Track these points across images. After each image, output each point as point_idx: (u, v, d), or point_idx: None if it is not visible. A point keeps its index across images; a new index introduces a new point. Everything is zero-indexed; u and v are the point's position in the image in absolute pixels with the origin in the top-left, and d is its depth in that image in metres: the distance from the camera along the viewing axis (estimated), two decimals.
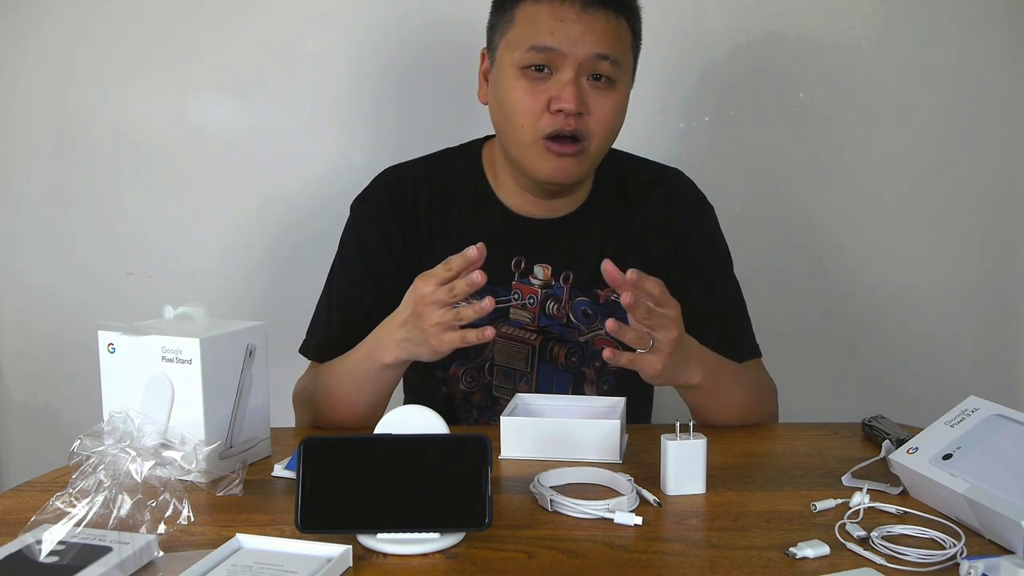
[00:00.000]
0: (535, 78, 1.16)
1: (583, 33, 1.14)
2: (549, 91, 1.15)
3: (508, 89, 1.18)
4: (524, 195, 1.28)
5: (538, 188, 1.25)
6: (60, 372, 1.75)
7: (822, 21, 1.72)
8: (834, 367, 1.81)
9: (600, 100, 1.17)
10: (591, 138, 1.17)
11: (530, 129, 1.17)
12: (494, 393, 1.29)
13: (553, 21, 1.14)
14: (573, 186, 1.25)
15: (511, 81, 1.17)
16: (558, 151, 1.16)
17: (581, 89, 1.15)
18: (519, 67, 1.16)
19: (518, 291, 1.27)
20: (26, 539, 0.75)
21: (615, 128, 1.21)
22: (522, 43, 1.16)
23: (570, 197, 1.29)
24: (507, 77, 1.18)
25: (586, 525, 0.85)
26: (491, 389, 1.29)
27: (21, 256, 1.76)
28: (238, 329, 1.00)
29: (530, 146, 1.18)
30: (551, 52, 1.14)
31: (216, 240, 1.75)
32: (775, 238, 1.77)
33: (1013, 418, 0.89)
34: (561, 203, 1.29)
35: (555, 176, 1.19)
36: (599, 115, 1.17)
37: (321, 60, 1.70)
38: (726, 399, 1.17)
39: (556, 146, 1.16)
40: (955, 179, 1.77)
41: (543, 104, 1.15)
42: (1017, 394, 1.81)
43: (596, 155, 1.20)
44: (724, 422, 1.18)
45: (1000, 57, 1.73)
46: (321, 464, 0.80)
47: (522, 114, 1.17)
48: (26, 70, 1.71)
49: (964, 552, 0.78)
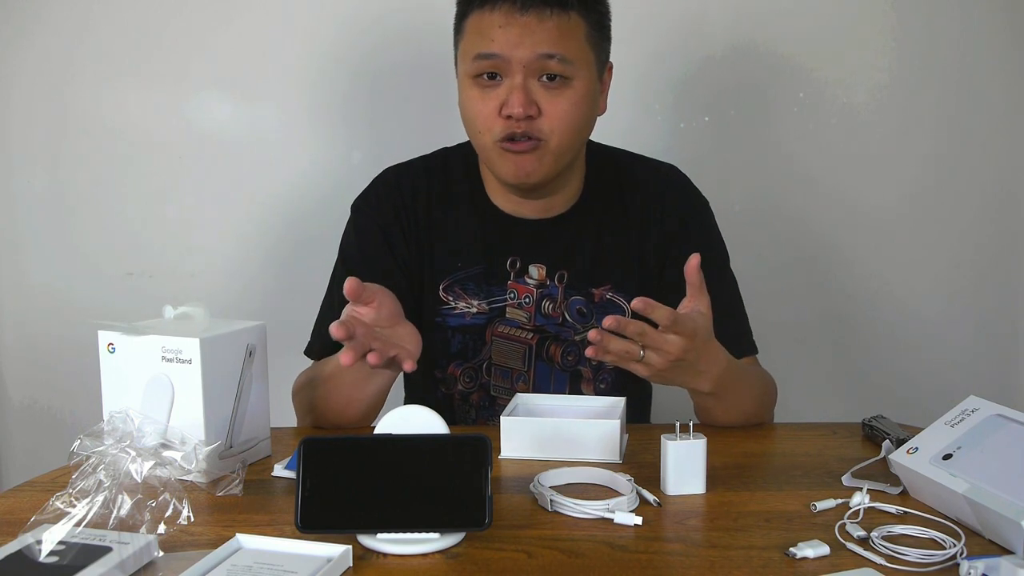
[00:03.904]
0: (486, 85, 1.17)
1: (524, 35, 1.14)
2: (500, 96, 1.16)
3: (464, 98, 1.20)
4: (510, 197, 1.28)
5: (515, 190, 1.26)
6: (60, 372, 1.75)
7: (823, 21, 1.71)
8: (834, 367, 1.81)
9: (553, 100, 1.16)
10: (549, 137, 1.17)
11: (487, 134, 1.18)
12: (491, 392, 1.29)
13: (494, 28, 1.15)
14: (545, 185, 1.24)
15: (466, 91, 1.20)
16: (513, 150, 1.17)
17: (531, 91, 1.16)
18: (471, 76, 1.18)
19: (514, 291, 1.28)
20: (26, 539, 0.75)
21: (576, 125, 1.20)
22: (470, 52, 1.17)
23: (562, 197, 1.29)
24: (464, 87, 1.20)
25: (586, 525, 0.85)
26: (489, 388, 1.30)
27: (21, 256, 1.76)
28: (238, 329, 1.00)
29: (491, 149, 1.19)
30: (496, 59, 1.15)
31: (216, 240, 1.75)
32: (775, 238, 1.77)
33: (1013, 418, 0.89)
34: (554, 203, 1.29)
35: (517, 176, 1.19)
36: (553, 114, 1.17)
37: (321, 59, 1.70)
38: (736, 405, 1.16)
39: (511, 145, 1.17)
40: (955, 179, 1.77)
41: (494, 109, 1.17)
42: (1017, 394, 1.80)
43: (559, 152, 1.19)
44: (728, 424, 1.18)
45: (1002, 58, 1.73)
46: (321, 464, 0.79)
47: (478, 121, 1.18)
48: (25, 70, 1.71)
49: (964, 552, 0.78)
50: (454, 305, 1.27)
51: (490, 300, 1.27)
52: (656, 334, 0.99)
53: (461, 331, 1.28)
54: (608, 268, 1.29)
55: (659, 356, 1.00)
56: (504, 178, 1.21)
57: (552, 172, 1.21)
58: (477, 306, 1.27)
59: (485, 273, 1.28)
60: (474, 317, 1.27)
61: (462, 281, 1.27)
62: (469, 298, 1.27)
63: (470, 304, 1.27)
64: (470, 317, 1.27)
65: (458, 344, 1.28)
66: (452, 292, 1.27)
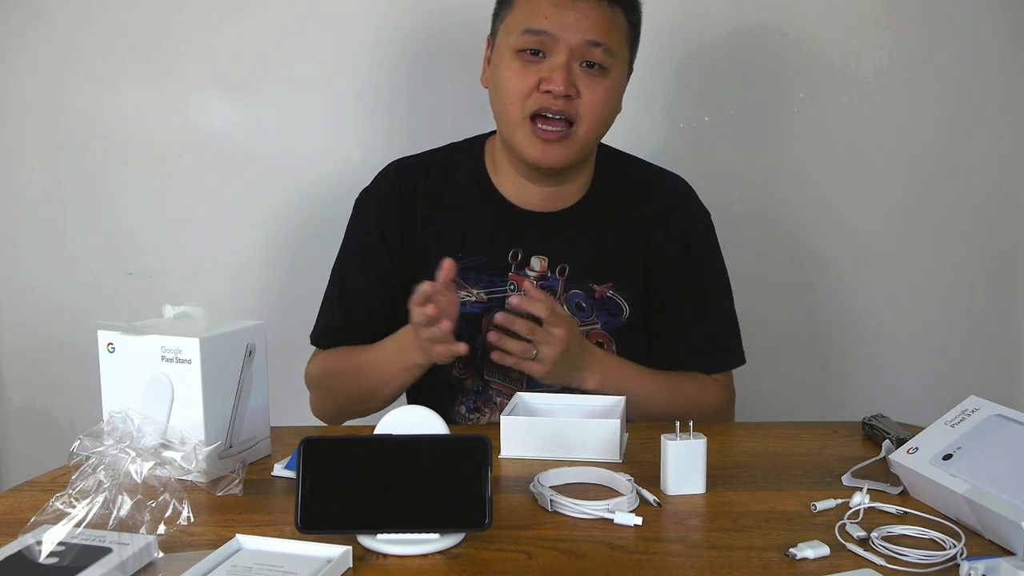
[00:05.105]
0: (528, 60, 1.20)
1: (577, 19, 1.17)
2: (540, 72, 1.18)
3: (503, 70, 1.21)
4: (522, 183, 1.29)
5: (532, 172, 1.26)
6: (60, 372, 1.75)
7: (823, 22, 1.71)
8: (834, 365, 1.81)
9: (591, 86, 1.19)
10: (580, 122, 1.20)
11: (519, 107, 1.20)
12: (485, 377, 1.30)
13: (549, 7, 1.18)
14: (565, 171, 1.26)
15: (506, 63, 1.21)
16: (543, 134, 1.19)
17: (572, 74, 1.18)
18: (514, 50, 1.20)
19: (514, 283, 1.28)
20: (26, 540, 0.75)
21: (606, 115, 1.22)
22: (518, 26, 1.19)
23: (569, 189, 1.30)
24: (504, 59, 1.22)
25: (586, 525, 0.85)
26: (483, 374, 1.30)
27: (20, 256, 1.76)
28: (238, 329, 1.00)
29: (519, 125, 1.20)
30: (544, 36, 1.18)
31: (216, 240, 1.75)
32: (775, 237, 1.77)
33: (1013, 418, 0.89)
34: (560, 196, 1.30)
35: (542, 159, 1.21)
36: (589, 100, 1.19)
37: (320, 58, 1.70)
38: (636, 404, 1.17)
39: (542, 127, 1.19)
40: (956, 178, 1.77)
41: (533, 84, 1.18)
42: (1017, 394, 1.80)
43: (585, 140, 1.22)
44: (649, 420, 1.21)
45: (1001, 58, 1.73)
46: (321, 464, 0.79)
47: (512, 93, 1.20)
48: (24, 70, 1.70)
49: (964, 553, 0.78)
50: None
51: (490, 291, 1.28)
52: (542, 328, 1.13)
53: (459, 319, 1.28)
54: (610, 267, 1.29)
55: (550, 348, 1.13)
56: (526, 157, 1.22)
57: (576, 159, 1.24)
58: (476, 296, 1.28)
59: (486, 264, 1.28)
60: (472, 306, 1.28)
61: (463, 271, 1.28)
62: (470, 288, 1.28)
63: (470, 293, 1.28)
64: (469, 306, 1.28)
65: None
66: (454, 282, 1.27)
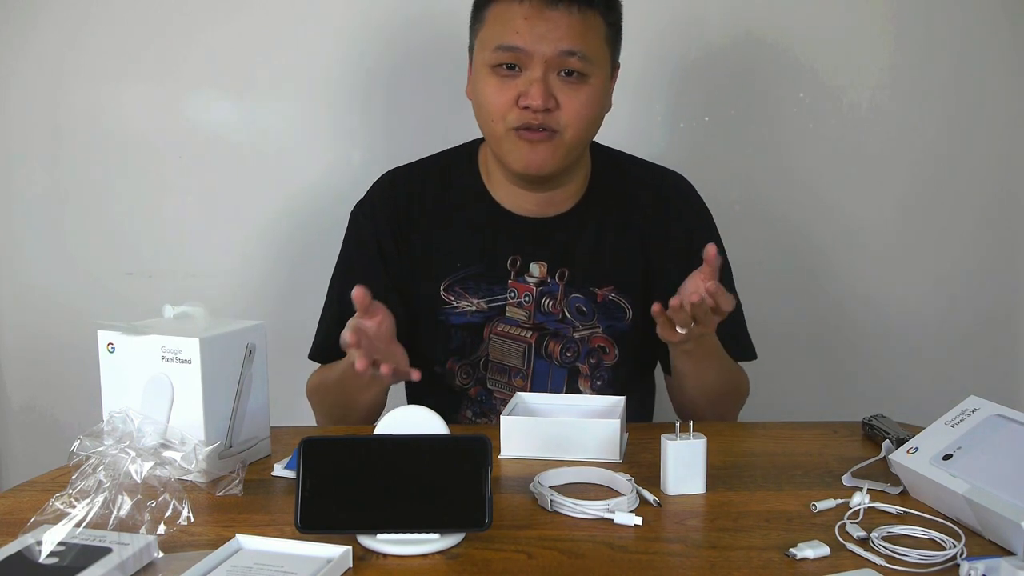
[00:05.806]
0: (505, 75, 1.19)
1: (549, 30, 1.16)
2: (518, 87, 1.18)
3: (481, 86, 1.21)
4: (515, 191, 1.29)
5: (523, 181, 1.26)
6: (60, 372, 1.75)
7: (824, 22, 1.71)
8: (834, 366, 1.81)
9: (571, 94, 1.18)
10: (564, 130, 1.19)
11: (501, 123, 1.19)
12: (488, 386, 1.30)
13: (519, 20, 1.16)
14: (555, 177, 1.25)
15: (484, 79, 1.20)
16: (528, 138, 1.19)
17: (550, 85, 1.17)
18: (490, 66, 1.19)
19: (514, 289, 1.28)
20: (26, 540, 0.75)
21: (591, 120, 1.22)
22: (491, 42, 1.18)
23: (564, 193, 1.29)
24: (481, 75, 1.21)
25: (586, 525, 0.85)
26: (486, 383, 1.30)
27: (20, 256, 1.76)
28: (238, 329, 1.00)
29: (503, 137, 1.20)
30: (518, 51, 1.17)
31: (215, 240, 1.75)
32: (775, 237, 1.77)
33: (1013, 418, 0.89)
34: (556, 200, 1.29)
35: (530, 166, 1.20)
36: (570, 109, 1.18)
37: (320, 59, 1.70)
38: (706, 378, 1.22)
39: (527, 133, 1.18)
40: (956, 178, 1.77)
41: (512, 99, 1.18)
42: (1017, 394, 1.81)
43: (572, 145, 1.21)
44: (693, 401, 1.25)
45: (1002, 58, 1.73)
46: (321, 464, 0.79)
47: (492, 109, 1.19)
48: (22, 70, 1.70)
49: (964, 553, 0.78)
50: (456, 304, 1.28)
51: (490, 299, 1.28)
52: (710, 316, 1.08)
53: (460, 328, 1.28)
54: (611, 269, 1.29)
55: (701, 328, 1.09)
56: (515, 167, 1.22)
57: (564, 163, 1.23)
58: (476, 305, 1.27)
59: (485, 272, 1.28)
60: (472, 315, 1.27)
61: (462, 280, 1.28)
62: (470, 297, 1.27)
63: (471, 303, 1.27)
64: (470, 315, 1.27)
65: (457, 340, 1.29)
66: (453, 292, 1.28)
